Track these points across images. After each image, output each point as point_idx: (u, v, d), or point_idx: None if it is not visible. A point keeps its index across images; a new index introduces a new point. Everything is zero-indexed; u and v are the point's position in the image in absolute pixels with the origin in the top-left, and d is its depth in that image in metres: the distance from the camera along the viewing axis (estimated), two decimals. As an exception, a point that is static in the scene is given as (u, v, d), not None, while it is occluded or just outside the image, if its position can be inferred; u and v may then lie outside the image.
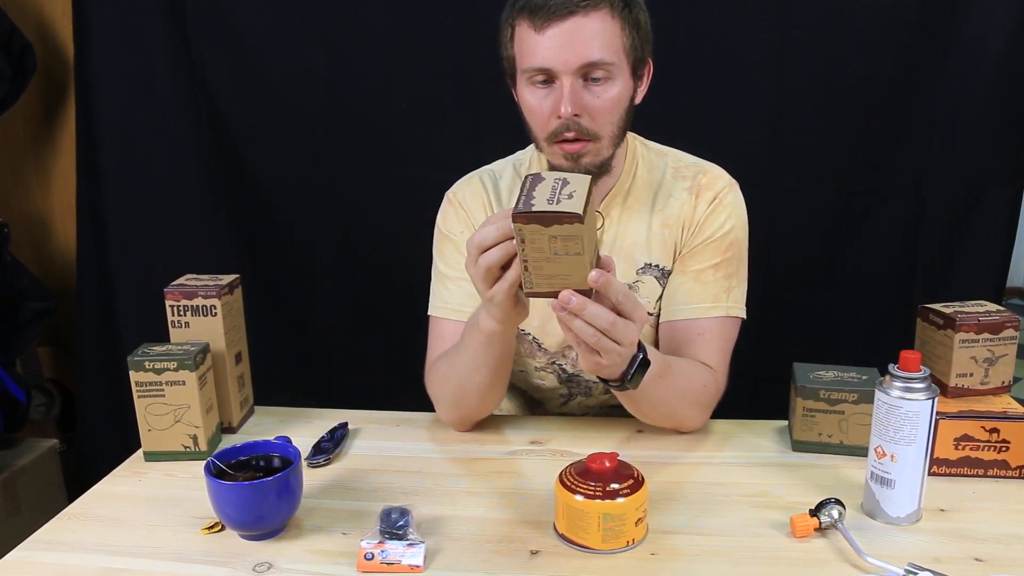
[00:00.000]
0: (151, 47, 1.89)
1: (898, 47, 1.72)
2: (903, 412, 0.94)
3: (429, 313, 1.30)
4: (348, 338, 2.04)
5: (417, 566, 0.91)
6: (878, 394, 0.97)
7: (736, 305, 1.24)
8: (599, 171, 1.17)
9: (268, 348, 1.79)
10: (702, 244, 1.22)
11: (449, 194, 1.32)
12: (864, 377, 1.15)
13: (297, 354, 2.05)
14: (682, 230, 1.24)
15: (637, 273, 1.24)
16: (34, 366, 2.18)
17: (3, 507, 1.87)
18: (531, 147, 1.30)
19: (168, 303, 1.23)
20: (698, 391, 1.18)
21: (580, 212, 0.81)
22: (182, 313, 1.23)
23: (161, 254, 1.98)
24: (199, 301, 1.23)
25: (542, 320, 1.27)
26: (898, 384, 0.95)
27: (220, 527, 0.99)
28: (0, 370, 1.92)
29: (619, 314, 0.89)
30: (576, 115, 1.09)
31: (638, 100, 1.18)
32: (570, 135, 1.10)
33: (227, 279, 1.28)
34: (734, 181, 1.26)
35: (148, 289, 1.51)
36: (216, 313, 1.23)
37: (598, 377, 1.01)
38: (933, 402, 0.94)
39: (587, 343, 0.89)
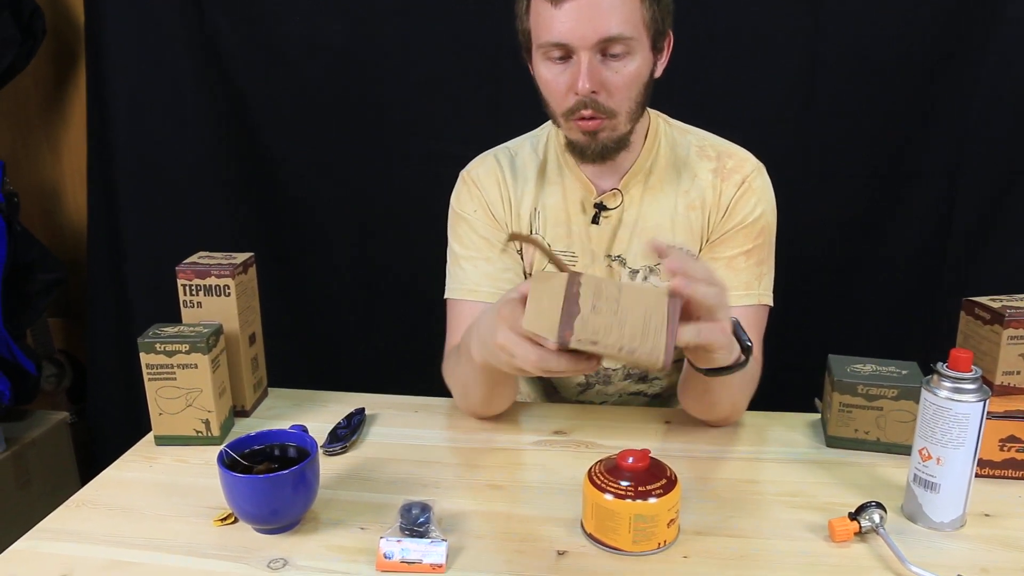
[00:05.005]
0: (164, 13, 1.83)
1: (936, 27, 1.65)
2: (952, 414, 0.89)
3: (446, 296, 1.26)
4: (363, 317, 2.00)
5: (439, 565, 0.87)
6: (925, 394, 0.92)
7: (766, 292, 1.19)
8: (617, 146, 1.13)
9: (281, 328, 1.76)
10: (733, 230, 1.18)
11: (463, 173, 1.28)
12: (904, 372, 1.10)
13: (311, 333, 2.01)
14: (708, 214, 1.19)
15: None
16: (45, 337, 2.16)
17: (14, 480, 1.85)
18: (549, 123, 1.26)
19: (180, 282, 1.19)
20: (751, 381, 1.14)
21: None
22: (194, 293, 1.19)
23: (173, 227, 1.95)
24: (212, 280, 1.18)
25: None
26: (947, 384, 0.90)
27: (233, 519, 0.96)
28: (10, 342, 1.89)
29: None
30: (594, 92, 1.05)
31: (658, 74, 1.13)
32: (587, 112, 1.07)
33: (241, 258, 1.23)
34: (761, 164, 1.21)
35: (160, 262, 1.48)
36: (230, 293, 1.19)
37: (702, 370, 0.95)
38: (984, 404, 0.89)
39: (711, 304, 0.81)
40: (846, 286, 1.85)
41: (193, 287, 1.19)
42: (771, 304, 1.20)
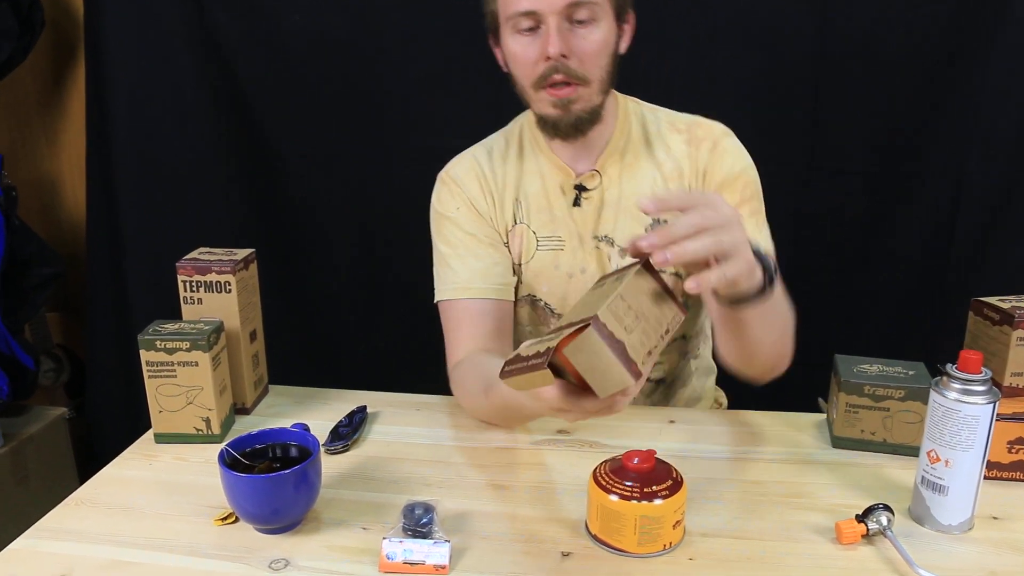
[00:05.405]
0: (164, 8, 1.81)
1: (941, 27, 1.64)
2: (961, 416, 0.88)
3: (437, 300, 1.25)
4: (364, 316, 1.99)
5: (443, 566, 0.86)
6: (933, 395, 0.91)
7: (768, 242, 1.18)
8: (591, 118, 1.14)
9: (281, 327, 1.75)
10: (716, 191, 1.18)
11: (441, 174, 1.29)
12: (911, 372, 1.10)
13: (311, 333, 2.00)
14: (688, 183, 1.21)
15: (647, 230, 1.19)
16: (43, 332, 2.14)
17: (11, 476, 1.84)
18: (521, 116, 1.28)
19: (180, 278, 1.18)
20: (786, 319, 1.08)
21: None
22: (195, 289, 1.18)
23: (172, 224, 1.93)
24: (213, 277, 1.17)
25: (551, 286, 1.24)
26: (956, 386, 0.89)
27: (234, 518, 0.95)
28: (8, 337, 1.88)
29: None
30: (564, 56, 1.07)
31: (623, 50, 1.16)
32: (559, 77, 1.09)
33: (242, 254, 1.22)
34: (729, 129, 1.23)
35: (159, 258, 1.46)
36: (231, 290, 1.17)
37: (732, 302, 0.90)
38: (994, 406, 0.88)
39: (717, 249, 0.77)
40: (847, 285, 1.84)
41: (193, 283, 1.18)
42: (774, 255, 1.17)
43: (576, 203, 1.22)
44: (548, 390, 0.75)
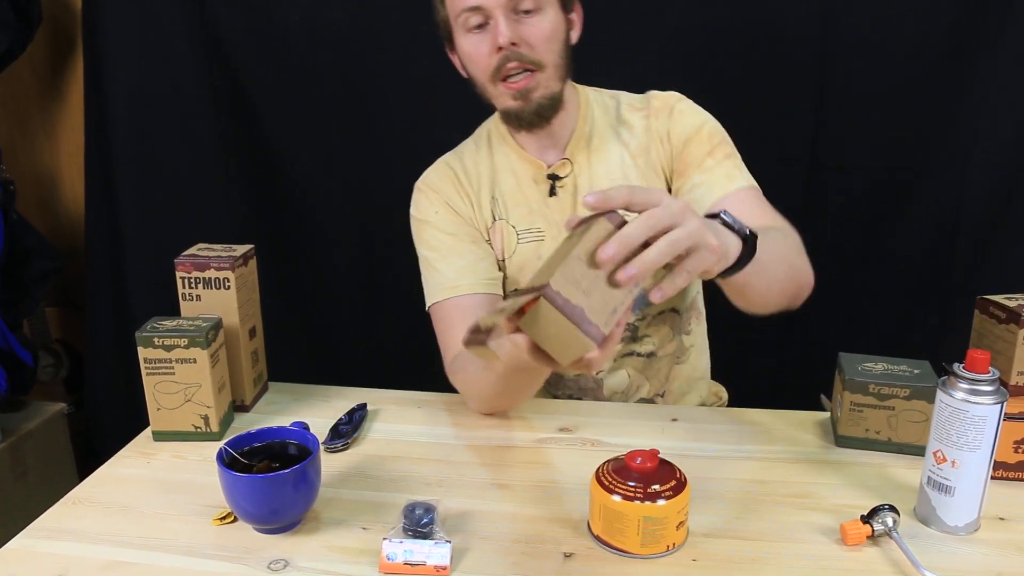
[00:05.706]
0: (164, 5, 1.79)
1: (946, 23, 1.63)
2: (968, 416, 0.87)
3: (428, 305, 1.25)
4: (364, 315, 1.98)
5: (444, 567, 0.85)
6: (940, 395, 0.90)
7: (750, 181, 1.18)
8: (552, 105, 1.16)
9: (282, 323, 1.74)
10: (683, 148, 1.21)
11: (418, 183, 1.31)
12: (916, 371, 1.08)
13: (310, 332, 1.99)
14: (655, 154, 1.22)
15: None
16: (42, 326, 2.13)
17: (10, 471, 1.83)
18: (487, 121, 1.30)
19: (179, 275, 1.17)
20: (790, 231, 1.09)
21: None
22: (193, 285, 1.17)
23: (172, 221, 1.92)
24: (212, 273, 1.16)
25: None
26: (963, 386, 0.88)
27: (233, 518, 0.94)
28: (6, 332, 1.87)
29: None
30: (514, 44, 1.10)
31: (574, 40, 1.19)
32: (513, 66, 1.11)
33: (241, 250, 1.21)
34: (682, 95, 1.25)
35: (159, 257, 1.45)
36: (230, 286, 1.17)
37: (719, 277, 0.87)
38: (1001, 407, 0.87)
39: (677, 251, 0.73)
40: (847, 285, 1.83)
41: (192, 280, 1.17)
42: (760, 191, 1.18)
43: (552, 193, 1.24)
44: (524, 348, 0.74)
